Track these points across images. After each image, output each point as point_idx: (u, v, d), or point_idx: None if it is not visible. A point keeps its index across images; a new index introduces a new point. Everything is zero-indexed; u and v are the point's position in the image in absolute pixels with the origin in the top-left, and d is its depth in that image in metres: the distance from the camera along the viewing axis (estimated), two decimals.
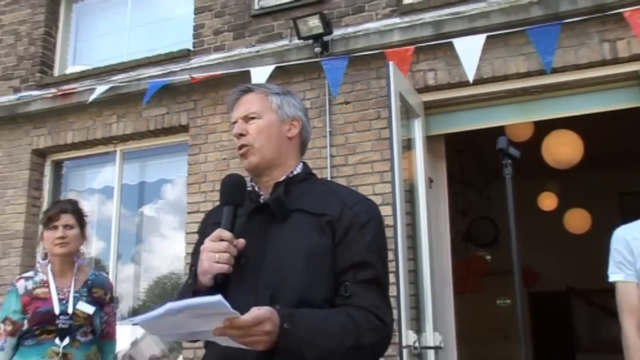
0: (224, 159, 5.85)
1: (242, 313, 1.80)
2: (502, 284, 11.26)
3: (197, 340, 2.13)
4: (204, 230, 2.31)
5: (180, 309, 1.77)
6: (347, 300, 2.04)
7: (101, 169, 6.84)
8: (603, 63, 5.19)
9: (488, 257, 11.60)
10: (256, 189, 2.28)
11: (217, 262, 1.96)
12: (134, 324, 1.93)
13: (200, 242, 2.24)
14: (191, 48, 6.46)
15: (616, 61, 5.15)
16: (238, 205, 2.10)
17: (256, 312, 1.80)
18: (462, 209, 9.23)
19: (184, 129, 6.27)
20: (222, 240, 1.99)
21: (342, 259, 2.08)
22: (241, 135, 2.24)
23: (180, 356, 5.93)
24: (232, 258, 1.99)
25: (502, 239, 10.89)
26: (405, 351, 4.45)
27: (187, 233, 5.89)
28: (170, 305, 1.77)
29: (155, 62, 6.51)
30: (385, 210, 5.08)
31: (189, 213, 6.00)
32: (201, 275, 2.00)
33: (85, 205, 3.92)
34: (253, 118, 2.26)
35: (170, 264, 6.48)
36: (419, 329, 5.03)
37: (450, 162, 6.03)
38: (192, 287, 2.05)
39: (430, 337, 5.01)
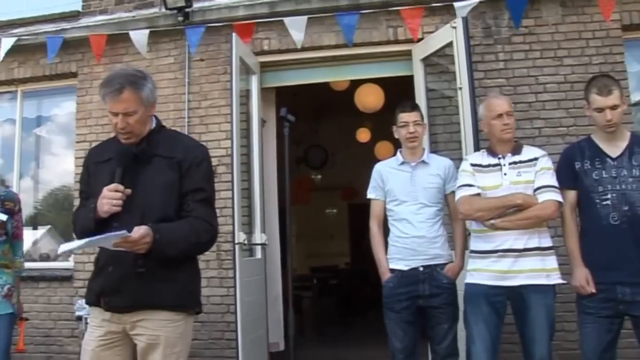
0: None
1: (124, 227, 2.30)
2: (329, 197, 12.04)
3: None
4: (88, 166, 2.71)
5: (98, 239, 2.28)
6: (189, 214, 2.54)
7: (5, 104, 6.75)
8: (388, 42, 5.59)
9: (319, 177, 12.04)
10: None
11: (114, 206, 2.40)
12: (59, 254, 2.33)
13: (86, 174, 2.70)
14: (80, 10, 6.40)
15: (397, 42, 5.57)
16: (126, 167, 2.50)
17: (140, 230, 2.31)
18: (296, 139, 9.73)
19: (73, 75, 6.29)
20: (117, 191, 2.42)
21: (186, 186, 2.55)
22: (123, 128, 2.52)
23: (72, 256, 5.99)
24: (122, 202, 2.42)
25: (330, 163, 11.57)
26: (237, 247, 4.79)
27: (76, 158, 6.04)
28: (90, 238, 2.28)
29: (50, 20, 6.40)
30: (227, 143, 5.50)
31: (77, 142, 6.13)
32: (102, 212, 2.41)
33: None
34: (131, 114, 2.50)
35: (61, 180, 6.61)
36: (250, 231, 5.34)
37: (287, 103, 6.36)
38: (93, 216, 2.43)
39: (258, 237, 5.39)
